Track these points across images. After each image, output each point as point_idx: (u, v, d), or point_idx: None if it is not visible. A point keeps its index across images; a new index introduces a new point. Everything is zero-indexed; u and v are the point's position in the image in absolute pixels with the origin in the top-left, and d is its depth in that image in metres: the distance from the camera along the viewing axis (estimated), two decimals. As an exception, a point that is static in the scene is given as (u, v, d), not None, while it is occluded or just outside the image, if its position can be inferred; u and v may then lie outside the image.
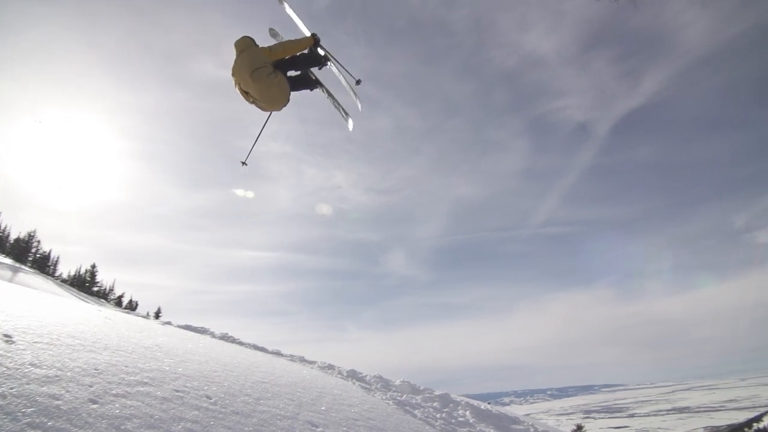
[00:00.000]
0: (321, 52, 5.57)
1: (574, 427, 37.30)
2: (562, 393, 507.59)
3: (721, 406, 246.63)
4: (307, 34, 5.57)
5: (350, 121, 5.92)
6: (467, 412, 6.25)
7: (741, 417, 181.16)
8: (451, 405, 6.42)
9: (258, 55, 5.08)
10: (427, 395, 6.55)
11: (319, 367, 7.31)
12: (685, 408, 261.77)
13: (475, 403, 7.53)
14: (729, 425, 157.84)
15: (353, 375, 6.81)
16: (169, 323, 11.37)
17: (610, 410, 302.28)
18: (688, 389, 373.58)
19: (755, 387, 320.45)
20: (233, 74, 5.23)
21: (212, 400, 3.52)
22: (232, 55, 5.08)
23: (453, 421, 5.58)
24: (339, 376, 6.60)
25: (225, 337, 9.39)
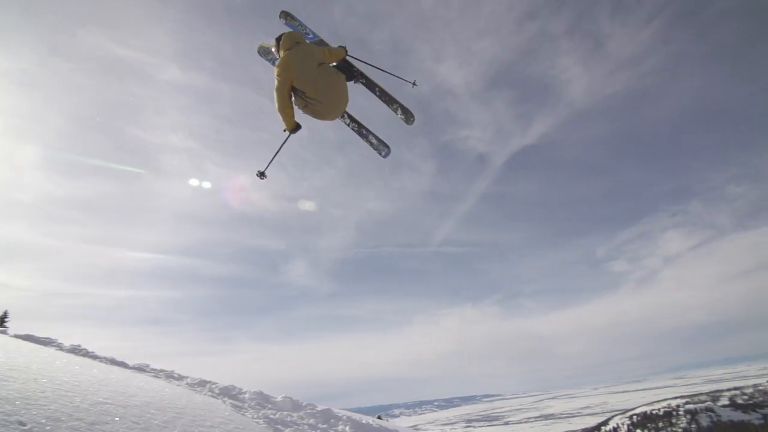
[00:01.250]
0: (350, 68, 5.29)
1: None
2: (448, 404, 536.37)
3: (578, 413, 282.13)
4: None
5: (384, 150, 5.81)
6: (347, 427, 6.09)
7: (593, 422, 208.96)
8: (332, 420, 6.21)
9: (318, 52, 4.63)
10: (309, 411, 6.25)
11: (188, 383, 6.38)
12: (551, 415, 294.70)
13: (359, 417, 7.32)
14: (583, 429, 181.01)
15: (226, 392, 6.10)
16: (2, 332, 9.35)
17: (488, 419, 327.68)
18: (553, 398, 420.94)
19: (605, 395, 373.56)
20: (286, 69, 4.64)
21: (26, 428, 2.85)
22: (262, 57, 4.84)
23: None
24: (209, 393, 5.84)
25: (76, 350, 7.93)
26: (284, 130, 4.96)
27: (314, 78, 4.66)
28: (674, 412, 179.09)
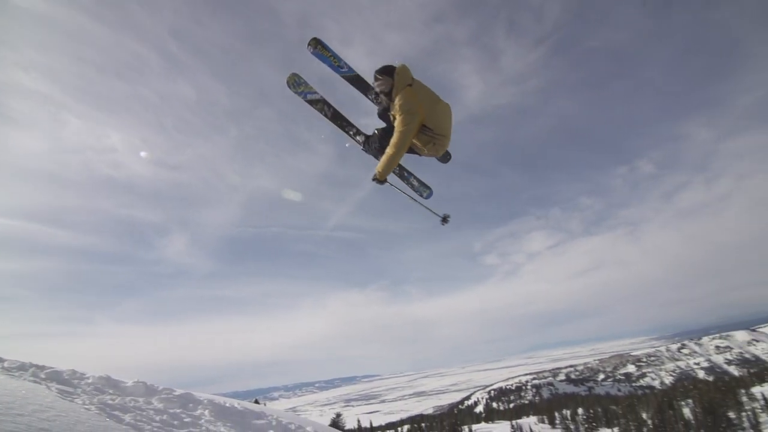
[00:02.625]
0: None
1: (334, 416, 39.46)
2: (329, 385, 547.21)
3: (446, 389, 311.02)
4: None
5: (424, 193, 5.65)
6: (206, 411, 5.82)
7: (459, 397, 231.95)
8: (191, 405, 5.91)
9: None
10: (165, 396, 5.77)
11: (4, 367, 4.88)
12: (423, 392, 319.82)
13: (223, 401, 6.95)
14: (450, 404, 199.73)
15: (55, 377, 4.96)
16: None
17: (366, 398, 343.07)
18: (426, 377, 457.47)
19: (470, 373, 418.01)
20: (420, 106, 4.29)
21: None
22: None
23: (176, 422, 4.90)
24: (31, 378, 4.64)
25: None
26: (375, 179, 4.72)
27: (443, 111, 4.52)
28: (524, 387, 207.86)
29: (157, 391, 6.02)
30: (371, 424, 70.09)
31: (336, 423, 36.56)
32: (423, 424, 72.40)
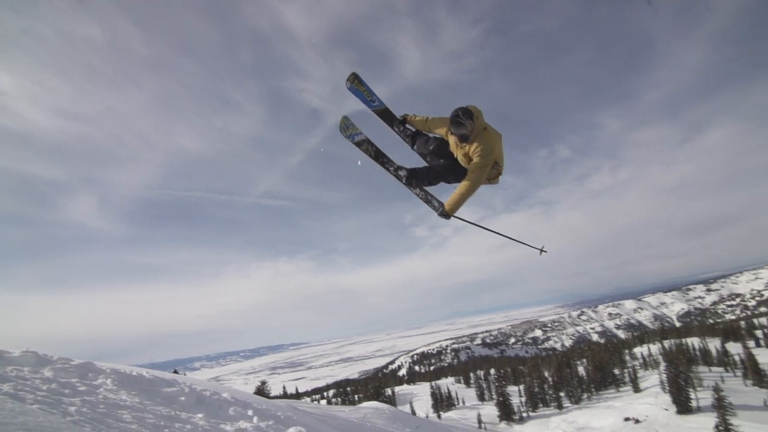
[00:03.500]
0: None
1: (259, 384, 39.03)
2: (254, 353, 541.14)
3: (372, 355, 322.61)
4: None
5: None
6: (108, 380, 5.45)
7: (383, 362, 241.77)
8: (91, 375, 5.55)
9: None
10: (60, 366, 5.37)
11: None
12: (349, 358, 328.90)
13: (129, 370, 6.57)
14: (375, 369, 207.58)
15: None
16: None
17: (293, 365, 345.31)
18: (354, 344, 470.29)
19: (395, 339, 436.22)
20: (494, 147, 4.59)
21: None
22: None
23: (68, 391, 4.50)
24: None
25: None
26: (443, 214, 4.88)
27: (501, 144, 4.78)
28: (444, 351, 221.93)
29: (50, 362, 5.52)
30: (297, 390, 70.75)
31: (261, 390, 36.09)
32: (348, 388, 74.55)
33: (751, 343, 56.51)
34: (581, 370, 57.19)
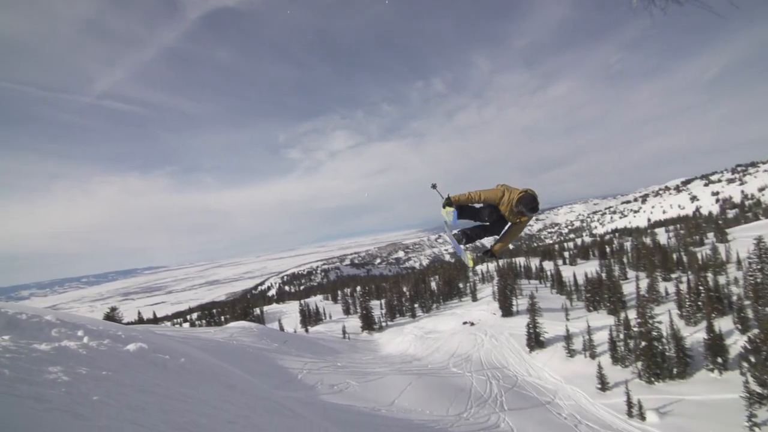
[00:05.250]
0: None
1: (108, 310, 35.50)
2: (101, 279, 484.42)
3: (240, 277, 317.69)
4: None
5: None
6: None
7: (252, 283, 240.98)
8: None
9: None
10: None
11: None
12: (215, 281, 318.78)
13: None
14: (244, 290, 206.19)
15: None
16: None
17: (150, 290, 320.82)
18: (220, 266, 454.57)
19: (265, 261, 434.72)
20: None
21: None
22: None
23: None
24: None
25: None
26: (492, 255, 6.10)
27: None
28: (314, 272, 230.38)
29: None
30: (155, 315, 66.45)
31: (111, 317, 32.88)
32: (214, 310, 73.04)
33: (560, 262, 71.37)
34: (433, 285, 65.66)
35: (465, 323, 44.26)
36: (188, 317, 77.74)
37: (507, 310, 44.24)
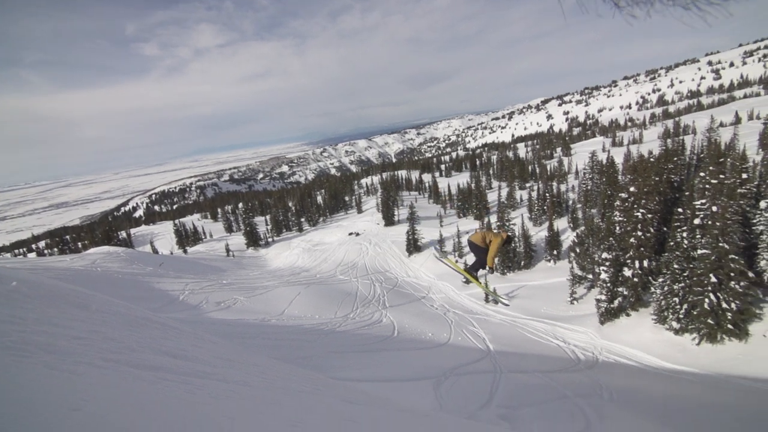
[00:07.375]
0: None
1: None
2: None
3: (96, 197, 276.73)
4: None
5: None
6: None
7: (113, 204, 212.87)
8: None
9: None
10: None
11: None
12: (63, 203, 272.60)
13: None
14: (102, 212, 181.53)
15: None
16: None
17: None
18: (67, 186, 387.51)
19: (126, 179, 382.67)
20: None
21: None
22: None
23: None
24: None
25: None
26: (491, 269, 7.66)
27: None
28: (188, 189, 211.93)
29: None
30: (-16, 245, 55.24)
31: None
32: (67, 237, 63.56)
33: (437, 174, 77.01)
34: (320, 199, 65.96)
35: (351, 234, 46.22)
36: (33, 246, 66.62)
37: (389, 220, 47.16)
